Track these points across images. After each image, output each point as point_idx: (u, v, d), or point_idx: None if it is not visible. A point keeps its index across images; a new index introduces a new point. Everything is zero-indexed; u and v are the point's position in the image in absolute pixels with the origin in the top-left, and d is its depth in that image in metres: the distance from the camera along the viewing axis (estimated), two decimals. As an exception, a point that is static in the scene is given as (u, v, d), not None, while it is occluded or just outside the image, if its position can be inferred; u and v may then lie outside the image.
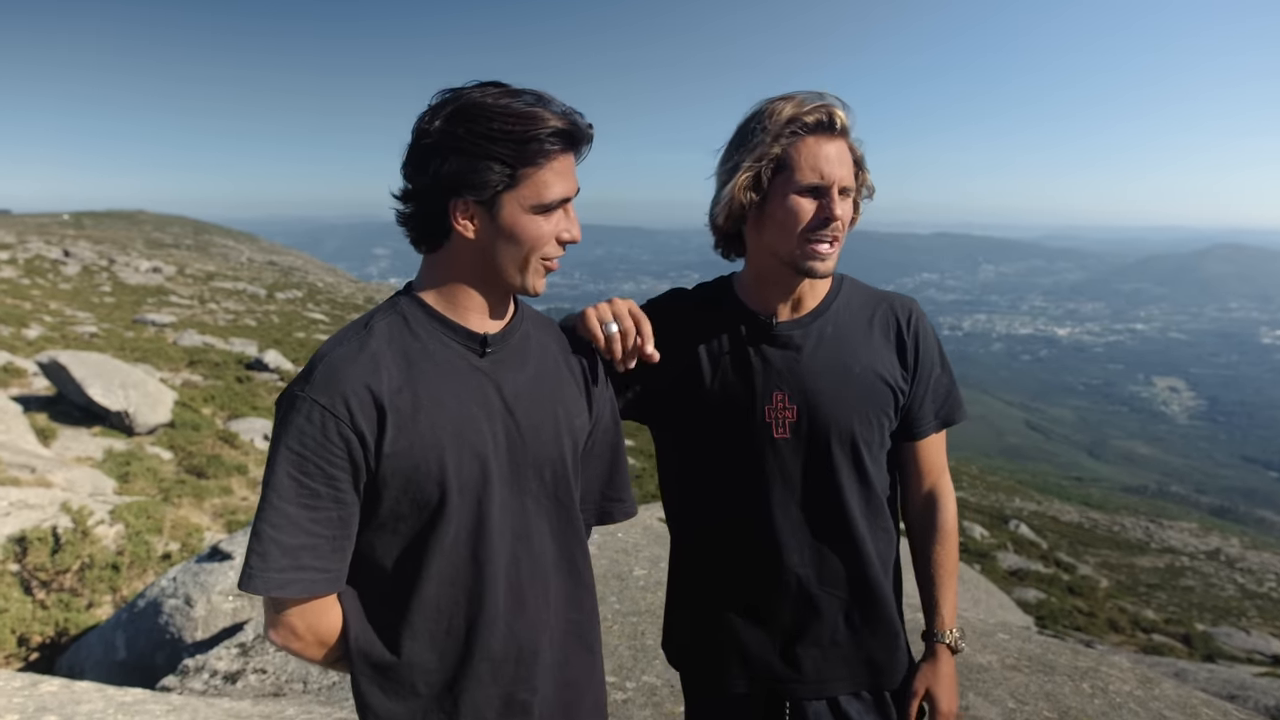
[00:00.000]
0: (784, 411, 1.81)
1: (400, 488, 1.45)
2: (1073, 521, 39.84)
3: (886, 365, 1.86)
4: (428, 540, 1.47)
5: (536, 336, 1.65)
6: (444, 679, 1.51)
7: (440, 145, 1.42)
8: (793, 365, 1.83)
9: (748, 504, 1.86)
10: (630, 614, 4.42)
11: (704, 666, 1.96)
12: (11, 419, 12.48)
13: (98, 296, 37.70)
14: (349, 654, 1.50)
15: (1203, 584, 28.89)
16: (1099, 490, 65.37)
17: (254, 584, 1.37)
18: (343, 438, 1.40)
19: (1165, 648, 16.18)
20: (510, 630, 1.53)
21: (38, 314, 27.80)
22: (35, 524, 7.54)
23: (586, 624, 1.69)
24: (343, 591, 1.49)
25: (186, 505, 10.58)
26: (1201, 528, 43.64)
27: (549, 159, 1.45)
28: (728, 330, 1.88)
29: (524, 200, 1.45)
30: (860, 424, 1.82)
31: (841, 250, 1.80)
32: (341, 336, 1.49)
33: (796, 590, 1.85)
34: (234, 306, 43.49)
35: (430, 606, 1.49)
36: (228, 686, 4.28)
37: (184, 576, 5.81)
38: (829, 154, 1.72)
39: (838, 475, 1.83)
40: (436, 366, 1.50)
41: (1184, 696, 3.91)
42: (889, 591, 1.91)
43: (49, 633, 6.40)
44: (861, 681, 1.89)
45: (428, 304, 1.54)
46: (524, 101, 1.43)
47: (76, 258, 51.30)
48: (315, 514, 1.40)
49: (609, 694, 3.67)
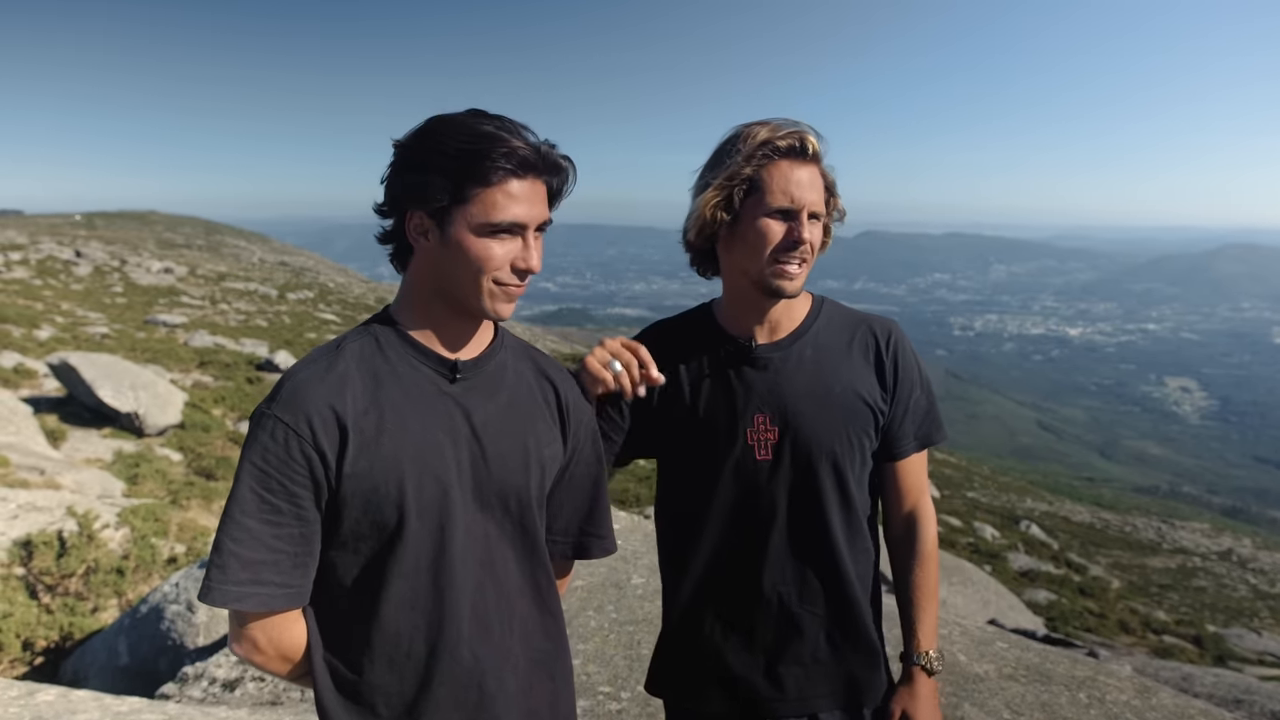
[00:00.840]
0: (766, 433, 1.83)
1: (360, 508, 1.46)
2: (1084, 522, 39.71)
3: (866, 385, 1.87)
4: (386, 562, 1.49)
5: (514, 365, 1.66)
6: (404, 702, 1.52)
7: (399, 160, 1.48)
8: (773, 387, 1.84)
9: (730, 525, 1.87)
10: (627, 623, 4.42)
11: (685, 684, 1.97)
12: (21, 420, 12.55)
13: (109, 297, 37.88)
14: (313, 672, 1.51)
15: (1215, 585, 28.78)
16: (1110, 491, 65.16)
17: (211, 596, 1.39)
18: (305, 456, 1.42)
19: (1176, 649, 16.12)
20: (474, 656, 1.54)
21: (49, 315, 27.95)
22: (43, 527, 7.59)
23: (554, 653, 1.69)
24: (307, 608, 1.51)
25: (195, 507, 10.62)
26: (1214, 528, 43.46)
27: (500, 179, 1.44)
28: (709, 354, 1.90)
29: (471, 218, 1.46)
30: (841, 444, 1.84)
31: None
32: (313, 356, 1.51)
33: (778, 609, 1.87)
34: (245, 307, 43.65)
35: (390, 629, 1.50)
36: (226, 694, 4.29)
37: (186, 582, 5.84)
38: (800, 179, 1.75)
39: (820, 495, 1.84)
40: (404, 390, 1.51)
41: (1182, 706, 3.89)
42: (868, 610, 1.93)
43: (53, 637, 6.44)
44: (841, 699, 1.90)
45: (401, 327, 1.55)
46: (491, 125, 1.45)
47: (88, 258, 51.56)
48: (277, 530, 1.42)
49: (603, 704, 3.68)
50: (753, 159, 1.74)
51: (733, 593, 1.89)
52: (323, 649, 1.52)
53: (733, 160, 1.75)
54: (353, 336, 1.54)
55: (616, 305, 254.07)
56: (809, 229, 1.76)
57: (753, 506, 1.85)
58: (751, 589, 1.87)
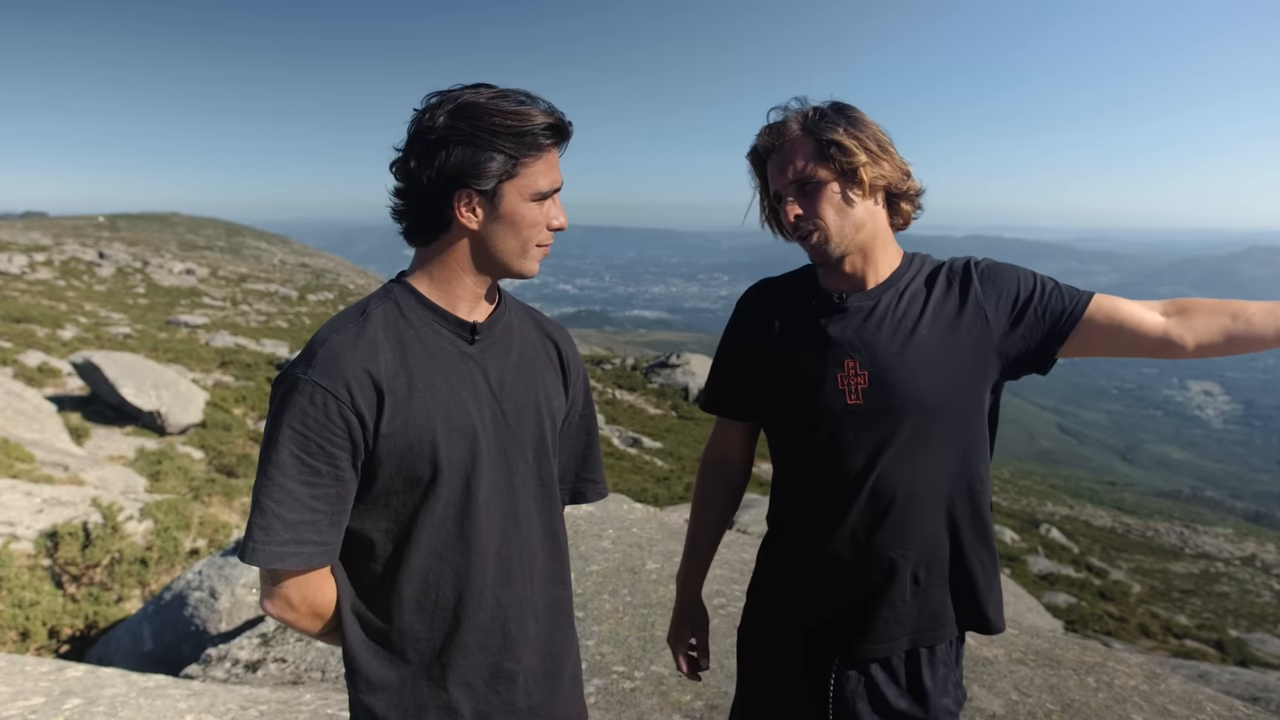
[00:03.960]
0: (856, 378, 1.87)
1: (395, 466, 1.53)
2: (1105, 526, 39.47)
3: (956, 323, 1.89)
4: (417, 515, 1.56)
5: (519, 325, 1.75)
6: (432, 647, 1.59)
7: (445, 139, 1.51)
8: (862, 333, 1.88)
9: (822, 469, 1.91)
10: (641, 606, 4.48)
11: (771, 626, 2.03)
12: (46, 418, 12.73)
13: (131, 298, 38.25)
14: (342, 624, 1.58)
15: (1238, 590, 28.55)
16: (1132, 495, 64.62)
17: (256, 556, 1.45)
18: (344, 419, 1.48)
19: (1197, 653, 16.01)
20: (498, 603, 1.62)
21: (73, 315, 28.25)
22: (67, 520, 7.70)
23: (567, 599, 1.78)
24: (336, 563, 1.58)
25: (216, 503, 10.75)
26: (1237, 533, 43.06)
27: (543, 151, 1.56)
28: (803, 307, 1.97)
29: (523, 189, 1.55)
30: (932, 386, 1.86)
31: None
32: (339, 323, 1.57)
33: (868, 552, 1.89)
34: (266, 308, 43.95)
35: (418, 577, 1.57)
36: (248, 675, 4.38)
37: (209, 570, 5.94)
38: (773, 172, 1.91)
39: (911, 438, 1.86)
40: (429, 352, 1.58)
41: (1190, 692, 3.91)
42: (965, 549, 1.94)
43: (79, 625, 6.54)
44: (927, 638, 1.92)
45: (420, 292, 1.62)
46: (515, 100, 1.54)
47: (111, 259, 52.07)
48: (316, 490, 1.48)
49: (617, 683, 3.75)
50: (757, 166, 1.97)
51: (823, 536, 1.92)
52: (353, 599, 1.59)
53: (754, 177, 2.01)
54: (375, 302, 1.60)
55: (635, 307, 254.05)
56: (794, 206, 1.86)
57: (845, 451, 1.88)
58: (842, 533, 1.90)
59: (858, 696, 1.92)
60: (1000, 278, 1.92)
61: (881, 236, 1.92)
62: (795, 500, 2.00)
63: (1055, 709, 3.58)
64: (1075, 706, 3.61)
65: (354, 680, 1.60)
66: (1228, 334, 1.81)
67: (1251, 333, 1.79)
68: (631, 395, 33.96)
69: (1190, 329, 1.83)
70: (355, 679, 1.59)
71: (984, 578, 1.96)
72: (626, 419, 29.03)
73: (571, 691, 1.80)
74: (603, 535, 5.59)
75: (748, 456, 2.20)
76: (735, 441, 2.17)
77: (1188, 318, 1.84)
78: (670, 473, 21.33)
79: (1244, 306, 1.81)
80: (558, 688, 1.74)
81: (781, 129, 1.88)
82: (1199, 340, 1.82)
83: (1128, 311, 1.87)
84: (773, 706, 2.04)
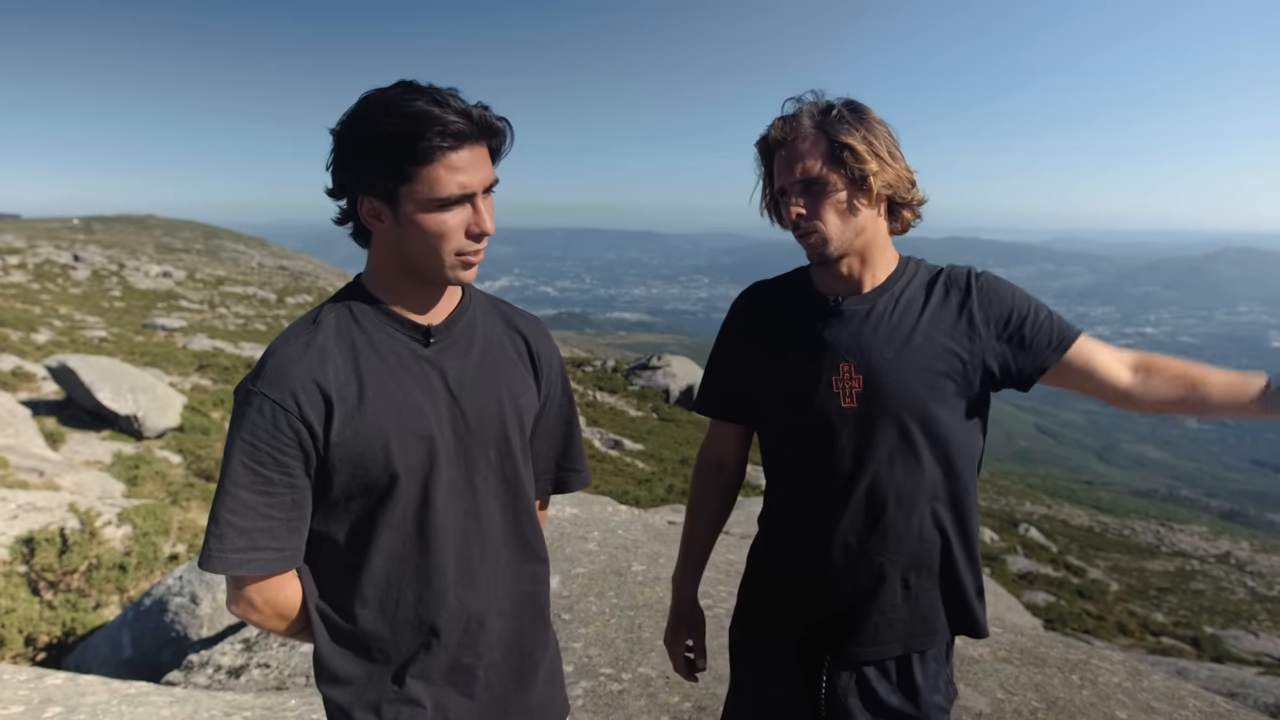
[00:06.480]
0: (851, 381, 1.87)
1: (349, 472, 1.54)
2: (1083, 525, 39.76)
3: (949, 331, 1.89)
4: (375, 518, 1.57)
5: (483, 322, 1.72)
6: (395, 645, 1.61)
7: (337, 146, 1.52)
8: (857, 337, 1.88)
9: (816, 472, 1.91)
10: (628, 608, 4.47)
11: (762, 627, 2.03)
12: (20, 423, 12.59)
13: (107, 301, 37.93)
14: (310, 624, 1.61)
15: (1213, 587, 28.83)
16: (1109, 494, 65.08)
17: (212, 564, 1.47)
18: (293, 429, 1.49)
19: (1174, 650, 16.17)
20: (460, 602, 1.63)
21: (47, 318, 27.99)
22: (43, 526, 7.62)
23: (540, 595, 1.78)
24: (302, 565, 1.59)
25: (195, 508, 10.67)
26: (1212, 531, 43.48)
27: (440, 155, 1.47)
28: (798, 310, 1.97)
29: (418, 196, 1.49)
30: (926, 391, 1.86)
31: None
32: (291, 333, 1.57)
33: (859, 556, 1.89)
34: (244, 311, 43.69)
35: (380, 578, 1.59)
36: (231, 681, 4.34)
37: (190, 575, 5.89)
38: (780, 167, 1.88)
39: (904, 443, 1.86)
40: (381, 358, 1.58)
41: (1172, 688, 3.95)
42: (953, 555, 1.94)
43: (56, 633, 6.48)
44: (919, 643, 1.93)
45: (374, 296, 1.61)
46: (421, 101, 1.46)
47: (86, 262, 51.63)
48: (270, 498, 1.50)
49: (604, 685, 3.74)
50: (763, 163, 1.96)
51: (813, 539, 1.92)
52: (318, 599, 1.61)
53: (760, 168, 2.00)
54: (328, 309, 1.61)
55: (616, 309, 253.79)
56: (797, 204, 1.85)
57: (838, 454, 1.88)
58: (833, 536, 1.90)
59: (849, 693, 1.92)
60: (998, 294, 1.93)
61: (880, 241, 1.92)
62: (786, 502, 2.00)
63: (1041, 707, 3.60)
64: (1060, 704, 3.63)
65: (320, 674, 1.63)
66: (1183, 402, 1.88)
67: (1206, 406, 1.87)
68: (612, 397, 33.94)
69: (1150, 390, 1.90)
70: (321, 673, 1.63)
71: (972, 583, 1.97)
72: (607, 421, 29.01)
73: (547, 687, 1.80)
74: (588, 538, 5.58)
75: (741, 459, 2.20)
76: (729, 444, 2.16)
77: (1150, 379, 1.90)
78: (651, 475, 21.30)
79: (1204, 378, 1.87)
80: (528, 683, 1.75)
81: (795, 123, 1.85)
82: (1156, 403, 1.90)
83: (1101, 361, 1.92)
84: (765, 704, 2.04)
